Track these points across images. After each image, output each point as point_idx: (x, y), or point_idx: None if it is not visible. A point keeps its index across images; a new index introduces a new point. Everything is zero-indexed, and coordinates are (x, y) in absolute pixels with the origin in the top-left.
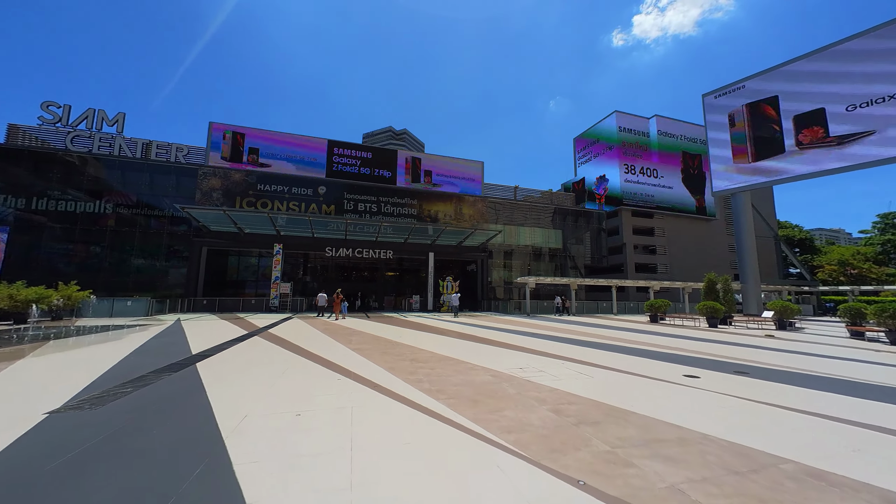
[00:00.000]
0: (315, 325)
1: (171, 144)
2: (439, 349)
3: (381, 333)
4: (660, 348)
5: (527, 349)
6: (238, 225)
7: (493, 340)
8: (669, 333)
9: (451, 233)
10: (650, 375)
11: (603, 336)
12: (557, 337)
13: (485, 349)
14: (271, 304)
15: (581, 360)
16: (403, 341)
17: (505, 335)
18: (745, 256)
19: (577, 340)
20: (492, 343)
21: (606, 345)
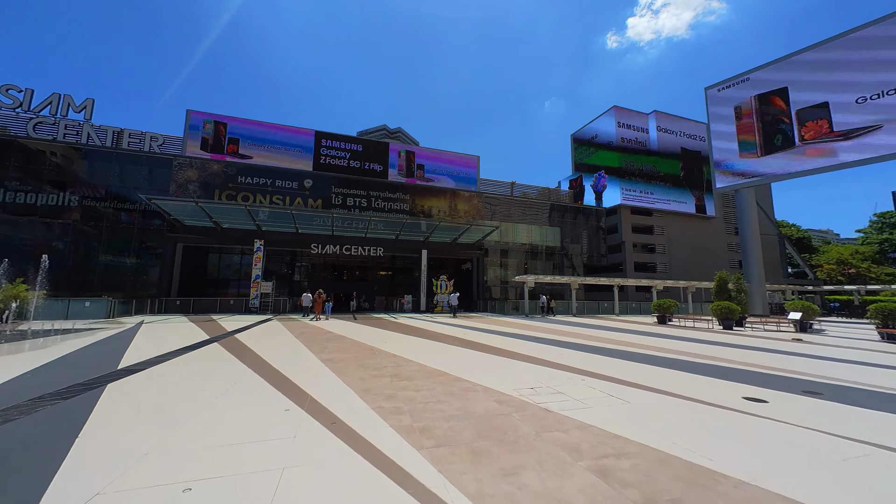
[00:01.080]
0: (292, 328)
1: (144, 133)
2: (429, 360)
3: (364, 339)
4: (689, 356)
5: (534, 358)
6: (214, 219)
7: (493, 347)
8: (686, 337)
9: (445, 229)
10: (702, 399)
11: (616, 341)
12: (565, 342)
13: (484, 359)
14: (251, 304)
15: (604, 375)
16: (388, 349)
17: (505, 340)
18: (749, 255)
19: (588, 346)
20: (492, 351)
21: (625, 352)
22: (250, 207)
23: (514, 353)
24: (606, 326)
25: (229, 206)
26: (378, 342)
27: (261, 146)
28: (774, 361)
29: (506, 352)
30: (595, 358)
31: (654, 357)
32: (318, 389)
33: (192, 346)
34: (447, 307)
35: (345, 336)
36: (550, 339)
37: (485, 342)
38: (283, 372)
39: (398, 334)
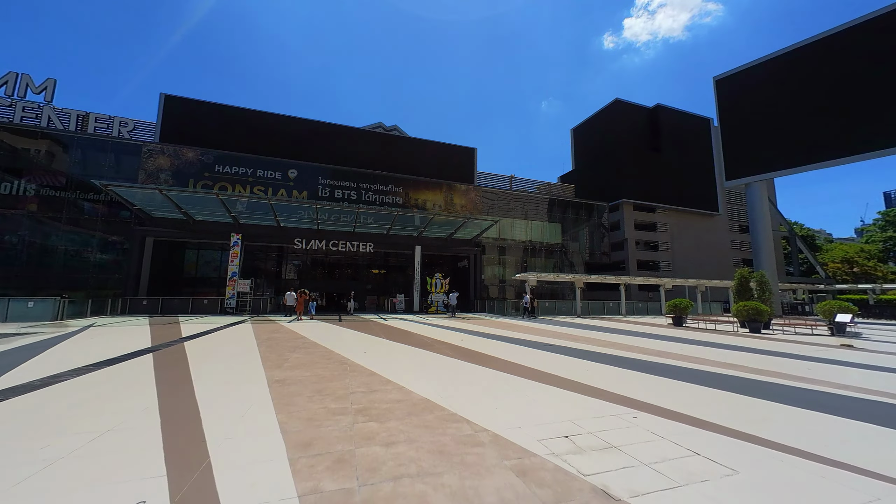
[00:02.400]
0: (262, 332)
1: (113, 118)
2: (415, 380)
3: (341, 347)
4: (747, 371)
5: (552, 377)
6: (184, 210)
7: (497, 359)
8: (717, 343)
9: (440, 224)
10: (850, 461)
11: (640, 348)
12: (582, 351)
13: (488, 378)
14: (227, 305)
15: (660, 408)
16: (365, 362)
17: (510, 349)
18: (761, 252)
19: (613, 357)
20: (496, 364)
21: (664, 366)
22: (223, 197)
23: (525, 369)
24: (619, 329)
25: (198, 194)
26: (356, 352)
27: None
28: (872, 381)
29: (514, 366)
30: (632, 375)
31: (706, 374)
32: (229, 445)
33: (115, 360)
34: (442, 307)
35: (318, 343)
36: (564, 347)
37: (486, 351)
38: (201, 404)
39: (384, 340)
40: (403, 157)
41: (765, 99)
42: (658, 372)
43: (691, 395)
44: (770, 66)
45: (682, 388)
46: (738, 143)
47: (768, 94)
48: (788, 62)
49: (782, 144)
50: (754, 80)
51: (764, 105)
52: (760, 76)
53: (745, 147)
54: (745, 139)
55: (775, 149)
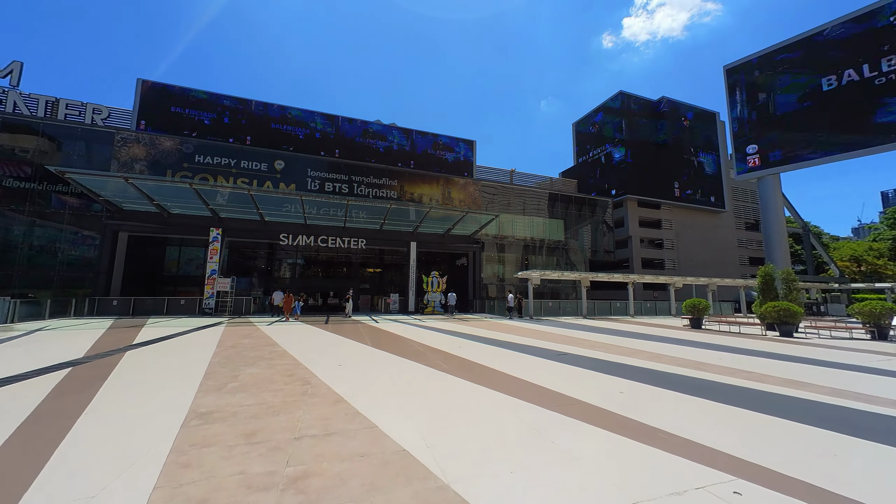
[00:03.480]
0: (229, 337)
1: (85, 104)
2: (393, 413)
3: (313, 357)
4: (841, 397)
5: (588, 410)
6: (156, 201)
7: (504, 375)
8: (764, 351)
9: (437, 219)
10: None
11: (683, 360)
12: (610, 363)
13: (496, 412)
14: (205, 305)
15: (788, 478)
16: (334, 381)
17: (519, 359)
18: (775, 249)
19: (656, 374)
20: (504, 385)
21: (733, 389)
22: (197, 187)
23: (542, 392)
24: (634, 332)
25: (168, 183)
26: (329, 365)
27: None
28: None
29: (526, 387)
30: (691, 404)
31: (788, 400)
32: None
33: (14, 378)
34: (439, 307)
35: (288, 352)
36: (582, 357)
37: (488, 363)
38: (54, 460)
39: (367, 349)
40: (398, 149)
41: (778, 88)
42: (721, 397)
43: (798, 441)
44: (783, 54)
45: (781, 430)
46: (749, 134)
47: (782, 82)
48: (803, 49)
49: (797, 136)
50: (767, 69)
51: (777, 95)
52: (773, 64)
53: (757, 139)
54: (757, 131)
55: (790, 140)
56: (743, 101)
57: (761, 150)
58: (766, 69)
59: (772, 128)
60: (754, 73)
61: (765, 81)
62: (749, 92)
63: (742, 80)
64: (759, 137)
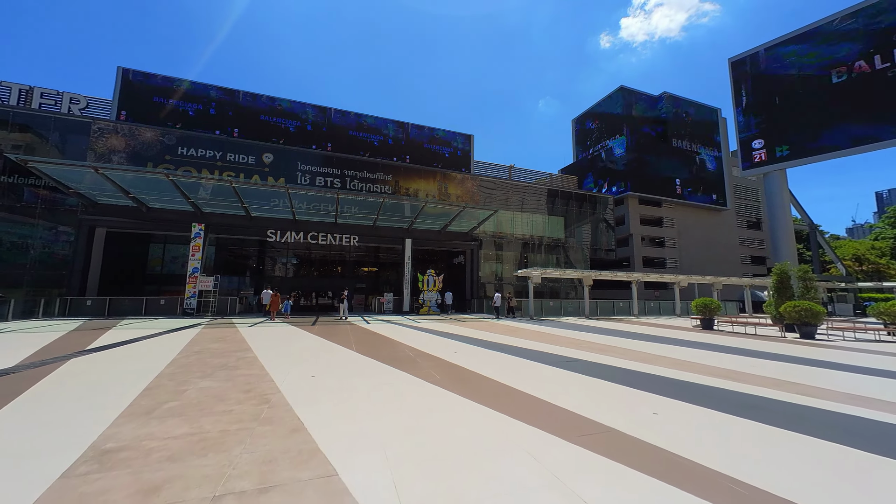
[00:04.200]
0: (200, 340)
1: (62, 93)
2: (368, 457)
3: (283, 366)
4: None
5: (622, 442)
6: (132, 194)
7: (509, 390)
8: (797, 357)
9: (433, 215)
10: None
11: (711, 368)
12: (628, 372)
13: (511, 451)
14: (186, 305)
15: None
16: (299, 399)
17: (525, 368)
18: (781, 247)
19: (688, 386)
20: (509, 403)
21: (792, 409)
22: (175, 178)
23: (559, 413)
24: (645, 335)
25: (143, 174)
26: (300, 376)
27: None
28: None
29: (537, 405)
30: (747, 430)
31: (882, 428)
32: None
33: None
34: (435, 307)
35: (258, 359)
36: (595, 365)
37: (489, 373)
38: None
39: (352, 354)
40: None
41: (785, 81)
42: (782, 420)
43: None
44: (791, 45)
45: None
46: (755, 129)
47: (789, 75)
48: (812, 40)
49: (806, 130)
50: (773, 61)
51: (784, 88)
52: (780, 56)
53: (764, 134)
54: (764, 125)
55: (797, 135)
56: (749, 94)
57: (768, 145)
58: (772, 61)
59: (779, 122)
60: (760, 66)
61: (772, 74)
62: (755, 85)
63: (748, 72)
64: (766, 132)
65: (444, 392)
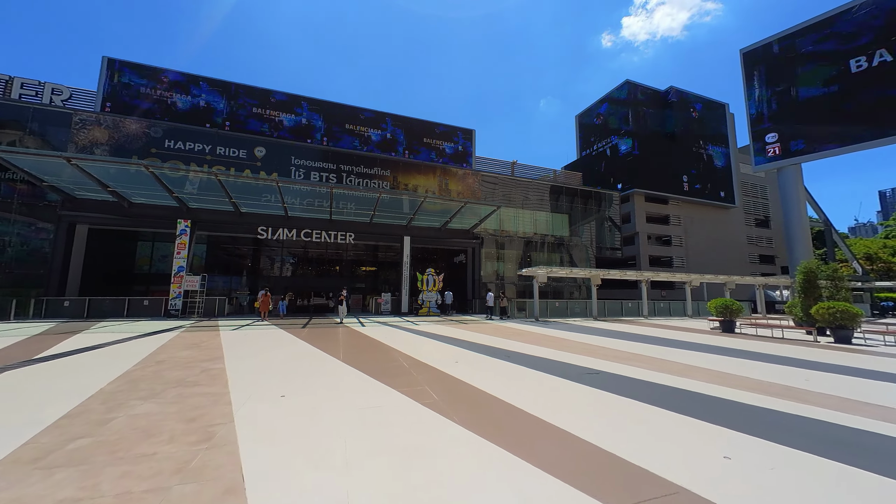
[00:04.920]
0: (165, 349)
1: (43, 83)
2: None
3: (249, 388)
4: None
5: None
6: (110, 188)
7: (527, 416)
8: (852, 368)
9: (433, 212)
10: None
11: (766, 385)
12: (676, 392)
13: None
14: (171, 306)
15: None
16: (251, 445)
17: (539, 381)
18: (795, 245)
19: (749, 411)
20: (534, 447)
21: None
22: (154, 170)
23: (607, 462)
24: (664, 339)
25: (121, 165)
26: (263, 400)
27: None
28: None
29: (575, 449)
30: None
31: None
32: None
33: None
34: (435, 308)
35: (226, 372)
36: (626, 380)
37: (501, 392)
38: None
39: (337, 366)
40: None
41: (800, 72)
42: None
43: None
44: (807, 35)
45: None
46: (769, 123)
47: (805, 66)
48: (829, 29)
49: (822, 123)
50: (788, 52)
51: (800, 79)
52: (795, 46)
53: (778, 127)
54: (778, 118)
55: (813, 128)
56: (762, 86)
57: (782, 139)
58: (787, 52)
59: (794, 115)
60: (774, 57)
61: (786, 65)
62: (769, 77)
63: (761, 64)
64: (780, 125)
65: (444, 422)
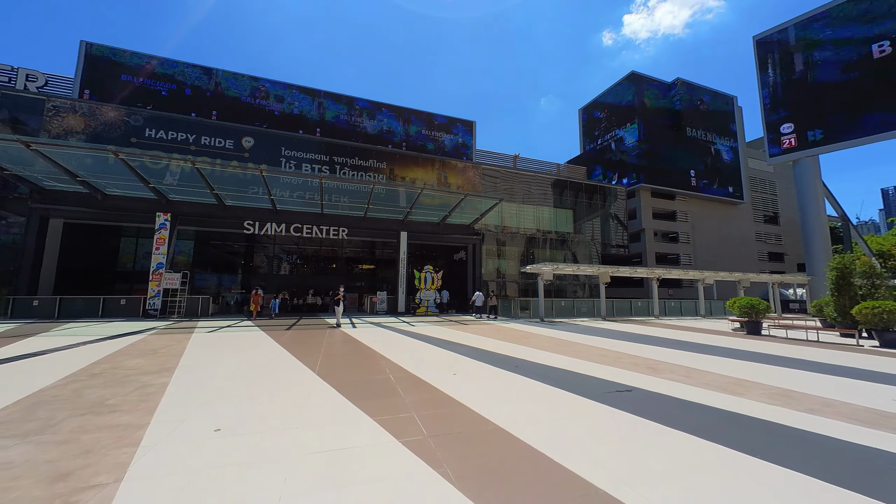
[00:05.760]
0: (117, 356)
1: (17, 69)
2: None
3: (181, 413)
4: None
5: None
6: (80, 178)
7: (557, 469)
8: None
9: (431, 206)
10: None
11: (863, 411)
12: (741, 420)
13: None
14: (149, 305)
15: None
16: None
17: (569, 407)
18: (813, 241)
19: (838, 450)
20: None
21: None
22: (125, 155)
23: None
24: (691, 343)
25: (85, 151)
26: (181, 447)
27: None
28: None
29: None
30: None
31: None
32: None
33: None
34: (433, 307)
35: (164, 390)
36: (671, 401)
37: (515, 425)
38: None
39: (308, 382)
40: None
41: (818, 58)
42: None
43: None
44: (825, 19)
45: None
46: (784, 112)
47: (823, 51)
48: (849, 12)
49: (842, 111)
50: (805, 36)
51: (817, 66)
52: (813, 31)
53: (794, 117)
54: (794, 108)
55: (833, 117)
56: (776, 74)
57: (798, 129)
58: (803, 38)
59: (811, 104)
60: (790, 44)
61: (803, 51)
62: (783, 64)
63: (775, 51)
64: (796, 115)
65: (431, 479)
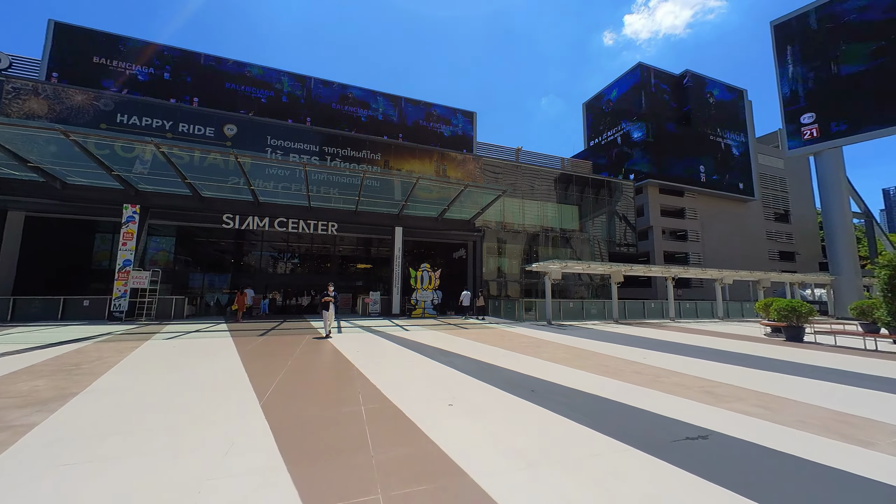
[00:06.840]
0: (28, 374)
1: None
2: None
3: (107, 451)
4: None
5: None
6: (32, 163)
7: None
8: None
9: (428, 200)
10: None
11: None
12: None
13: None
14: (115, 307)
15: None
16: None
17: (649, 488)
18: (837, 239)
19: None
20: None
21: None
22: (75, 136)
23: None
24: (733, 354)
25: (32, 130)
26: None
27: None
28: None
29: None
30: None
31: None
32: None
33: None
34: (430, 308)
35: (33, 429)
36: (759, 452)
37: (519, 482)
38: None
39: (245, 419)
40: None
41: (843, 44)
42: None
43: None
44: (849, 2)
45: None
46: (805, 102)
47: (847, 37)
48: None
49: (868, 100)
50: (827, 21)
51: (841, 52)
52: (836, 16)
53: (815, 107)
54: (815, 97)
55: (858, 107)
56: (797, 62)
57: (820, 120)
58: (826, 23)
59: (834, 93)
60: (811, 28)
61: (826, 37)
62: (804, 52)
63: (796, 38)
64: (818, 104)
65: None
